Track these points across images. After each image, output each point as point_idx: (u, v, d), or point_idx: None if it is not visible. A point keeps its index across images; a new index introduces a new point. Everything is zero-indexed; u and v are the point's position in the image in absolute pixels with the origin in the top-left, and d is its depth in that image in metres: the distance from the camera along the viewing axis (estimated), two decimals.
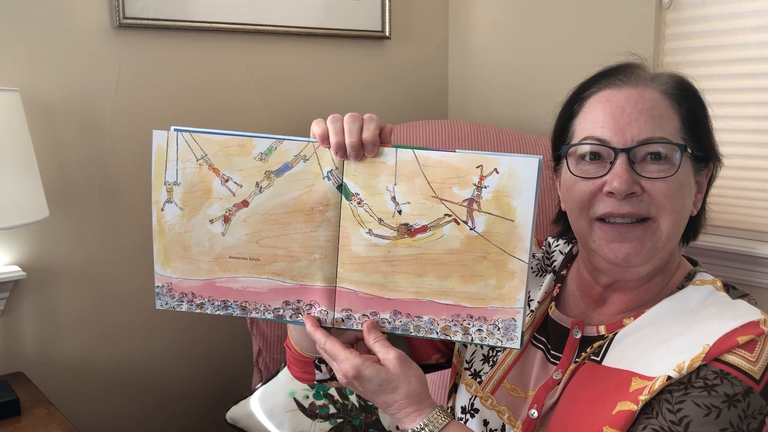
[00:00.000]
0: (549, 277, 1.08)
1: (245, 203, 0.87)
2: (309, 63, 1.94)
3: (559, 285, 1.05)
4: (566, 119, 0.99)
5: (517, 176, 0.81)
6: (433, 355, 1.13)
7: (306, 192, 0.86)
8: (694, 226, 0.99)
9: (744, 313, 0.88)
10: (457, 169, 0.83)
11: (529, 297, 1.06)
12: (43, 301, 1.63)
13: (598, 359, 0.93)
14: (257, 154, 0.86)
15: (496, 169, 0.82)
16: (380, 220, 0.85)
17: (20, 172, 1.38)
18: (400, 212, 0.85)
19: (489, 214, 0.83)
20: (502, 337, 0.84)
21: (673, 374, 0.84)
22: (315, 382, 1.06)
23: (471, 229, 0.83)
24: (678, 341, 0.88)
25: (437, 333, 0.86)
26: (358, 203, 0.85)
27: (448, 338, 0.86)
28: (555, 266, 1.09)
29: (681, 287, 0.95)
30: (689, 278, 0.96)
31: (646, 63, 0.98)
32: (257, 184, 0.86)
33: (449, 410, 1.09)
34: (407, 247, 0.85)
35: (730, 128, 1.58)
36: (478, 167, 0.82)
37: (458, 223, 0.83)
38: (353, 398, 1.43)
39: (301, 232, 0.87)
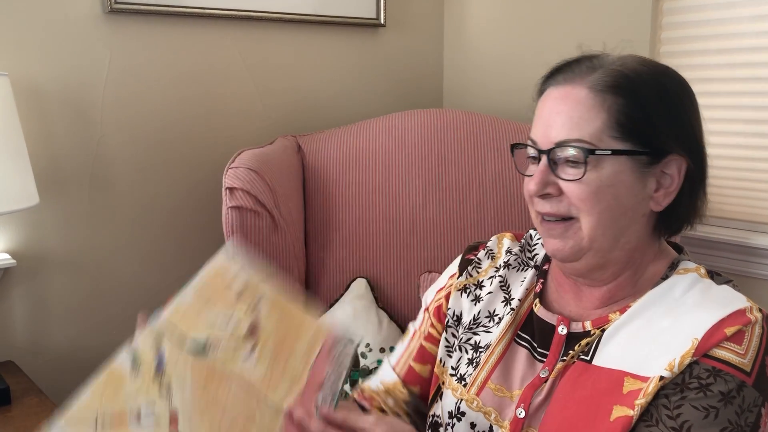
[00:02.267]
0: (531, 272, 1.07)
1: (174, 418, 0.79)
2: (303, 50, 1.92)
3: (542, 280, 1.05)
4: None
5: None
6: (429, 386, 1.11)
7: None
8: (671, 220, 0.95)
9: (730, 301, 0.87)
10: None
11: (510, 296, 1.06)
12: (34, 290, 1.61)
13: (588, 359, 0.92)
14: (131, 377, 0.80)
15: None
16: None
17: (10, 158, 1.36)
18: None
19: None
20: None
21: (665, 374, 0.84)
22: None
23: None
24: (667, 336, 0.87)
25: None
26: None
27: None
28: (537, 260, 1.08)
29: (665, 277, 0.94)
30: (673, 267, 0.96)
31: (603, 54, 0.96)
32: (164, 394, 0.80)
33: (431, 417, 1.08)
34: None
35: (726, 118, 1.58)
36: None
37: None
38: (346, 387, 1.42)
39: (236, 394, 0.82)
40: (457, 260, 1.14)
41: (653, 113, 0.91)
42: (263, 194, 1.48)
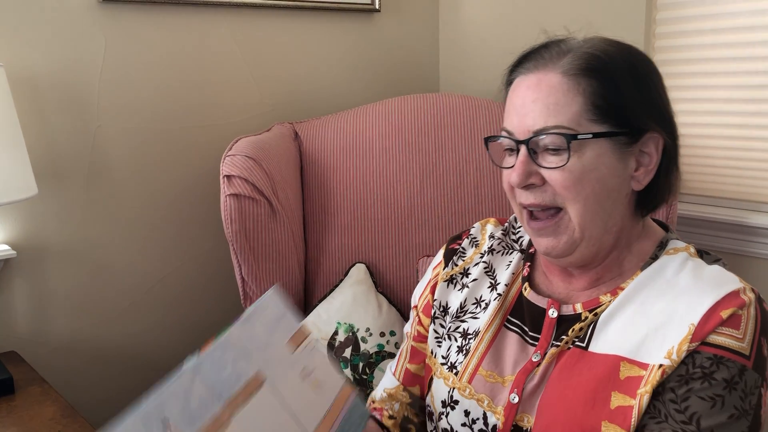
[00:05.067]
0: (516, 255, 1.07)
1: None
2: (298, 37, 1.92)
3: (529, 264, 1.05)
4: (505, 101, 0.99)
5: None
6: (422, 384, 1.12)
7: None
8: (651, 197, 0.96)
9: (723, 282, 0.87)
10: None
11: (496, 281, 1.06)
12: (34, 280, 1.62)
13: (584, 345, 0.92)
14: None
15: None
16: None
17: (7, 150, 1.36)
18: None
19: None
20: None
21: (665, 362, 0.84)
22: None
23: None
24: (662, 320, 0.87)
25: None
26: None
27: None
28: (522, 244, 1.08)
29: (655, 257, 0.95)
30: (662, 246, 0.96)
31: (569, 37, 0.96)
32: None
33: (427, 407, 1.09)
34: None
35: (723, 98, 1.58)
36: None
37: None
38: (347, 372, 1.44)
39: None
40: (442, 251, 1.14)
41: (627, 92, 0.90)
42: (261, 181, 1.48)
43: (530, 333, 0.99)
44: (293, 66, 1.92)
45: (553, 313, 0.97)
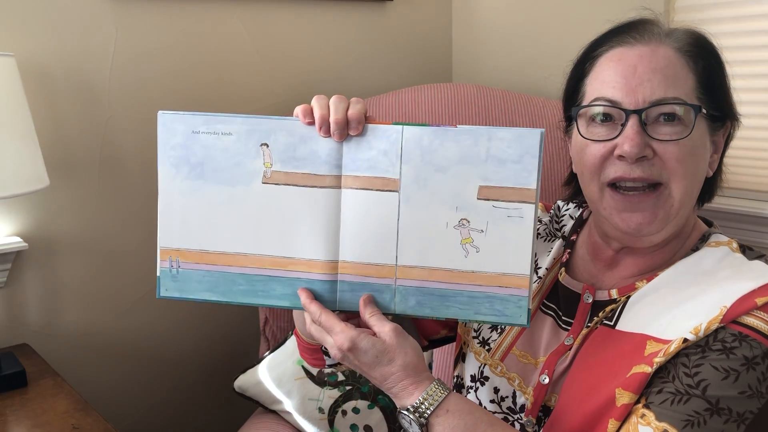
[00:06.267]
0: (558, 242, 1.06)
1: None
2: (311, 26, 1.90)
3: (569, 250, 1.04)
4: (577, 79, 0.96)
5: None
6: (440, 330, 1.12)
7: None
8: (710, 187, 0.97)
9: (761, 274, 0.86)
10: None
11: (536, 264, 1.05)
12: (46, 272, 1.61)
13: (612, 323, 0.91)
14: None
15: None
16: None
17: (18, 140, 1.35)
18: None
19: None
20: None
21: (690, 337, 0.82)
22: (326, 366, 1.06)
23: None
24: (693, 303, 0.86)
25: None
26: None
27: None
28: (564, 231, 1.07)
29: (695, 249, 0.93)
30: (704, 240, 0.94)
31: (659, 18, 0.95)
32: None
33: (456, 378, 1.08)
34: None
35: (742, 87, 1.55)
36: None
37: None
38: None
39: None
40: None
41: (723, 77, 0.92)
42: None
43: (563, 317, 0.98)
44: (305, 56, 1.90)
45: (588, 299, 0.96)
